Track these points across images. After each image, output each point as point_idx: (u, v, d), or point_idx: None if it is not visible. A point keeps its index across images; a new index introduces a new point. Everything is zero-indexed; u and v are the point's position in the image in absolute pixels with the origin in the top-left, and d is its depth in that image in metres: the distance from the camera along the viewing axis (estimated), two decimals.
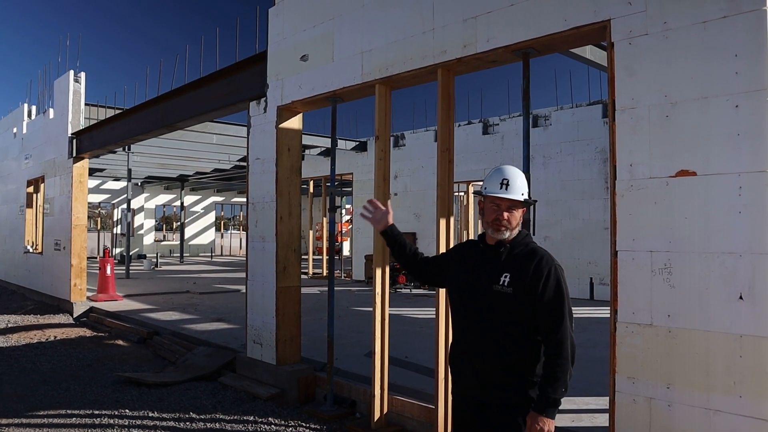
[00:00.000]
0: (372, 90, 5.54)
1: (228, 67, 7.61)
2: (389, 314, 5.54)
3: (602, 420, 4.74)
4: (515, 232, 2.72)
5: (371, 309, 5.45)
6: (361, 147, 18.39)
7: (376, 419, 5.34)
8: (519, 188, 2.69)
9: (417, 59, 5.03)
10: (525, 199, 2.71)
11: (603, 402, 4.57)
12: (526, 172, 4.32)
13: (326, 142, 17.79)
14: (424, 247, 16.29)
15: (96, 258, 25.79)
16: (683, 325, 3.36)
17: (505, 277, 2.62)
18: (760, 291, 3.11)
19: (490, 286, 2.63)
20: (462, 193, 16.85)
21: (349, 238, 28.05)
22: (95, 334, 10.20)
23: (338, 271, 20.01)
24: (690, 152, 3.37)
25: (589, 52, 6.90)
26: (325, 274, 19.04)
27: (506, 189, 2.68)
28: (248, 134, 7.07)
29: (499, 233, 2.69)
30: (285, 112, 6.61)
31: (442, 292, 4.96)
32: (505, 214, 2.67)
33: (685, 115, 3.39)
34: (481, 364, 2.65)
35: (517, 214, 2.71)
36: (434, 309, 5.10)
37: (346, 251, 27.93)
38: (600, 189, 13.01)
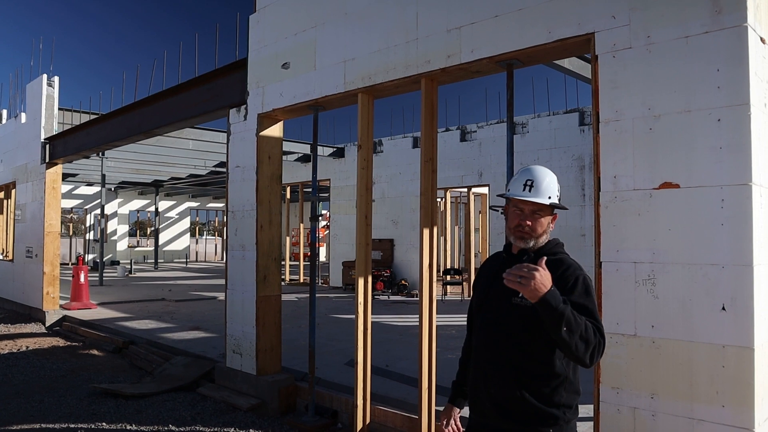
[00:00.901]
0: (354, 99, 5.52)
1: (208, 74, 7.52)
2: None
3: (585, 429, 4.77)
4: (542, 240, 2.41)
5: (350, 316, 5.43)
6: (339, 153, 18.32)
7: (358, 430, 5.31)
8: (545, 190, 2.37)
9: (400, 69, 5.02)
10: (552, 203, 2.38)
11: (586, 410, 4.59)
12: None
13: (304, 148, 17.71)
14: (401, 254, 16.54)
15: (68, 264, 25.35)
16: (667, 335, 3.40)
17: None
18: (742, 302, 3.16)
19: (508, 299, 2.31)
20: (439, 200, 16.89)
21: (325, 244, 27.97)
22: (69, 343, 9.98)
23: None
24: (673, 165, 3.41)
25: (568, 62, 6.98)
26: (301, 280, 18.93)
27: (530, 191, 2.37)
28: (228, 141, 6.99)
29: (522, 241, 2.39)
30: (266, 119, 6.55)
31: (425, 299, 4.94)
32: (528, 221, 2.37)
33: (669, 128, 3.43)
34: (496, 386, 2.36)
35: (544, 221, 2.39)
36: (412, 316, 5.08)
37: (322, 257, 27.83)
38: (576, 196, 13.13)
